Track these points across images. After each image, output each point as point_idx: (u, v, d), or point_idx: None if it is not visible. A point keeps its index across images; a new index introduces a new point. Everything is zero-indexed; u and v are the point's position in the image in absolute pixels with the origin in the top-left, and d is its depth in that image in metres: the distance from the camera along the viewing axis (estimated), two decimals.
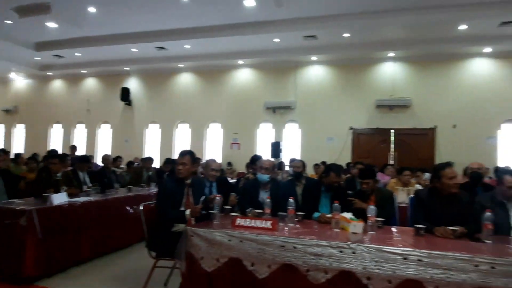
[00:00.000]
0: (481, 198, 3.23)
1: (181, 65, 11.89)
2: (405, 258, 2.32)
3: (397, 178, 5.46)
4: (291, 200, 3.09)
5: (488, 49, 9.13)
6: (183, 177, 3.22)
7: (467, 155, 8.06)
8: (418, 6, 7.49)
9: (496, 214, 3.01)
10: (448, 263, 2.24)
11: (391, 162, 9.06)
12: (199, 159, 9.58)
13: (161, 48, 10.40)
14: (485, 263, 2.19)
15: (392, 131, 10.03)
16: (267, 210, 3.16)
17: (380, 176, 6.66)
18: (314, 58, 10.66)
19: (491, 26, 8.03)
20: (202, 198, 3.07)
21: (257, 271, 2.60)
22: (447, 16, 7.64)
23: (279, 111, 11.21)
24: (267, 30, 8.82)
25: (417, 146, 9.75)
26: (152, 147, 12.59)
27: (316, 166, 8.32)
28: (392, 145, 9.97)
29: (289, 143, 11.16)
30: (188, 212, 3.00)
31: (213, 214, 3.03)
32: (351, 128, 10.39)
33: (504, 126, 9.45)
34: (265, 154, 10.22)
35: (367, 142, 10.25)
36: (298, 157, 10.14)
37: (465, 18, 7.72)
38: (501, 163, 8.85)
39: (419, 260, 2.29)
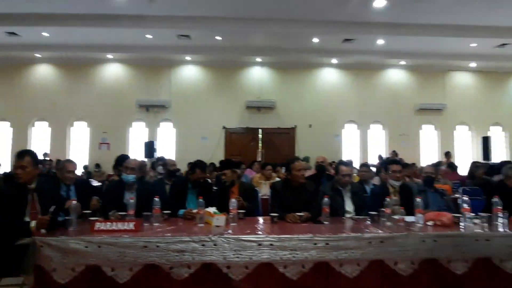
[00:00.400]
0: (323, 186, 3.73)
1: (38, 55, 10.36)
2: (259, 244, 2.52)
3: (261, 173, 5.87)
4: (156, 199, 3.02)
5: (334, 61, 10.64)
6: (24, 182, 2.79)
7: (320, 150, 9.18)
8: (280, 18, 8.19)
9: (334, 199, 3.53)
10: (294, 244, 2.53)
11: (259, 159, 9.69)
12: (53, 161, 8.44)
13: (12, 33, 8.81)
14: (321, 241, 2.54)
15: (260, 130, 10.77)
16: (131, 211, 3.01)
17: (248, 172, 7.09)
18: (188, 58, 10.63)
19: (337, 42, 9.35)
20: (52, 208, 2.69)
21: (117, 275, 2.45)
22: (302, 29, 8.56)
23: (153, 109, 10.81)
24: (138, 25, 8.36)
25: (281, 143, 10.70)
26: (1, 149, 10.62)
27: (190, 164, 8.31)
28: (260, 143, 10.70)
29: (163, 142, 10.87)
30: (33, 223, 2.62)
31: (68, 220, 2.73)
32: (224, 128, 10.74)
33: (347, 126, 11.21)
34: (138, 154, 9.77)
35: (239, 140, 10.76)
36: (173, 157, 10.02)
37: (317, 33, 8.80)
38: (345, 156, 10.45)
39: (271, 244, 2.52)
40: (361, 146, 11.16)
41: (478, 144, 10.93)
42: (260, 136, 10.76)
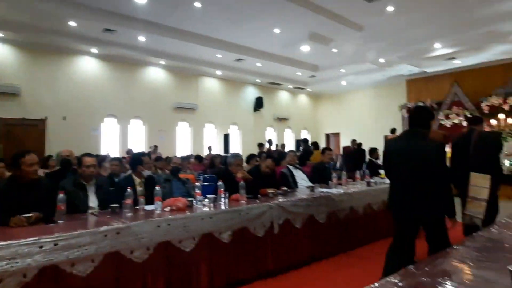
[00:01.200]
0: (64, 182, 3.32)
1: None
2: None
3: None
4: None
5: (94, 50, 9.74)
6: None
7: (76, 145, 8.21)
8: None
9: (76, 195, 3.22)
10: (13, 251, 2.10)
11: None
12: None
13: None
14: (49, 242, 2.23)
15: None
16: None
17: None
18: None
19: (97, 30, 8.58)
20: None
21: None
22: (57, 8, 7.34)
23: None
24: None
25: (26, 137, 8.81)
26: None
27: None
28: None
29: None
30: None
31: None
32: None
33: (107, 120, 10.57)
34: None
35: None
36: None
37: (74, 16, 7.76)
38: (103, 151, 9.84)
39: None
40: (121, 140, 10.80)
41: (221, 140, 12.87)
42: None
